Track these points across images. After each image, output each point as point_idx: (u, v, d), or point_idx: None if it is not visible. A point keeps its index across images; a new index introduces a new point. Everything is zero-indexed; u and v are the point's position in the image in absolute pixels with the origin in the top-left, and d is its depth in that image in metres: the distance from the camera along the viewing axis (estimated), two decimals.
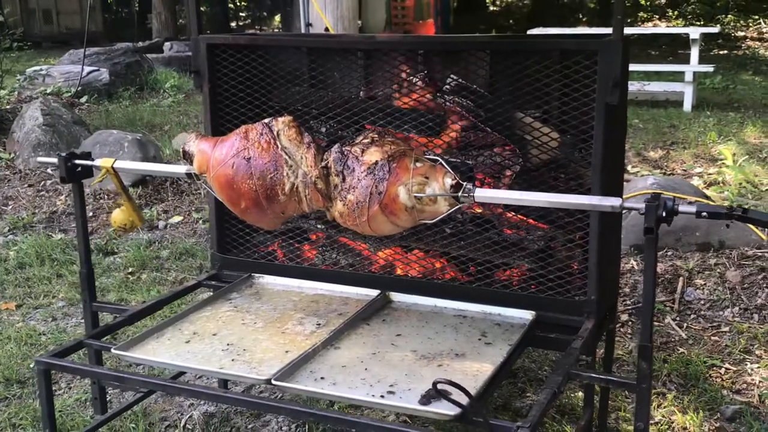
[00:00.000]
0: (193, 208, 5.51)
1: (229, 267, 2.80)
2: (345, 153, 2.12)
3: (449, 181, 2.04)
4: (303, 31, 8.61)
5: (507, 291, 2.45)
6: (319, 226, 2.77)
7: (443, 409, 1.83)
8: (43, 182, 6.23)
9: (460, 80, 2.54)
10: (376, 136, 2.13)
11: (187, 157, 2.35)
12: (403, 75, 2.60)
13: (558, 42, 2.36)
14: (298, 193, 2.19)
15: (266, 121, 2.22)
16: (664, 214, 1.86)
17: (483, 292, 2.46)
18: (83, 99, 9.44)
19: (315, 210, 2.27)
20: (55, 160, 2.51)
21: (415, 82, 2.65)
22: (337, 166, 2.12)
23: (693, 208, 1.86)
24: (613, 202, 1.96)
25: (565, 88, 2.30)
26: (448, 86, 2.56)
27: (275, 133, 2.19)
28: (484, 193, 2.07)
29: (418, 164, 2.08)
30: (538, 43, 2.47)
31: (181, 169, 2.41)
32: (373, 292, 2.53)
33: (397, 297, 2.53)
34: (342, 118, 2.62)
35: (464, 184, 2.05)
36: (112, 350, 2.19)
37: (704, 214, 1.85)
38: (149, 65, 11.32)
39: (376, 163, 2.06)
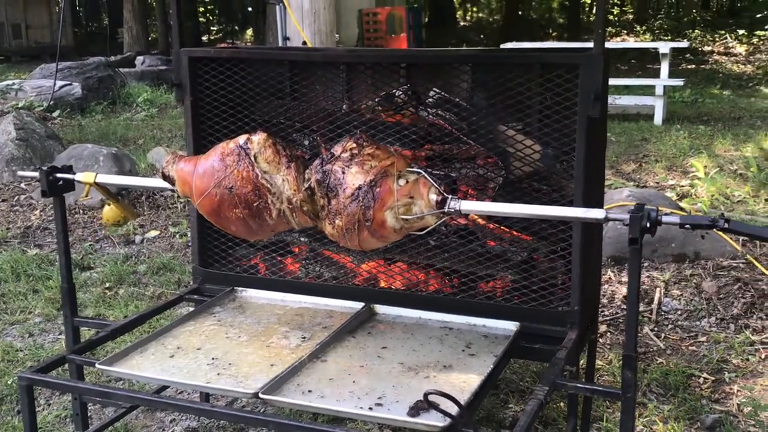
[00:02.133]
0: (169, 222, 5.47)
1: (211, 281, 2.79)
2: (327, 173, 2.09)
3: (434, 197, 2.04)
4: (280, 44, 8.62)
5: (491, 302, 2.46)
6: (302, 239, 2.77)
7: (432, 420, 1.83)
8: (16, 197, 6.15)
9: (442, 93, 2.56)
10: (355, 146, 2.11)
11: (168, 180, 2.33)
12: (386, 88, 2.62)
13: (539, 56, 2.39)
14: (285, 216, 2.18)
15: (241, 142, 2.17)
16: (648, 224, 1.89)
17: (467, 304, 2.47)
18: (56, 113, 9.36)
19: (304, 227, 2.28)
20: (36, 174, 2.48)
21: (397, 96, 2.67)
22: (321, 189, 2.10)
23: (677, 219, 1.89)
24: (597, 213, 1.98)
25: (546, 101, 2.32)
26: (430, 99, 2.58)
27: (252, 157, 2.15)
28: (470, 206, 2.08)
29: (401, 182, 2.06)
30: (520, 57, 2.50)
31: (164, 182, 2.39)
32: (358, 305, 2.54)
33: (381, 309, 2.53)
34: (325, 131, 2.61)
35: (448, 197, 2.06)
36: (97, 365, 2.17)
37: (687, 225, 1.88)
38: (122, 79, 11.27)
39: (359, 188, 2.04)
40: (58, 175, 2.49)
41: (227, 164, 2.16)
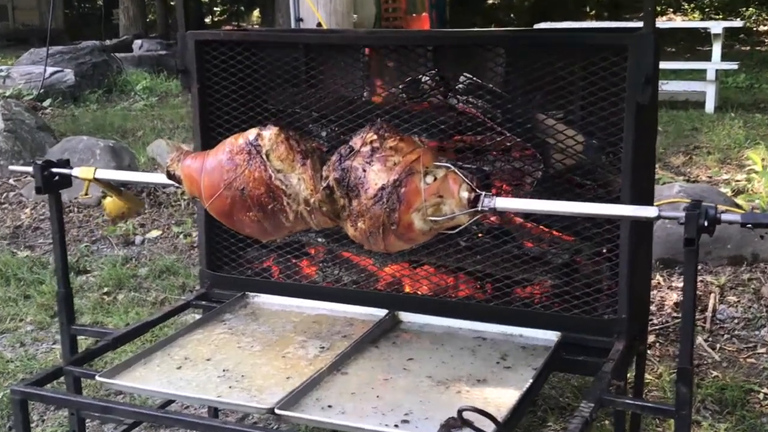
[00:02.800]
0: (172, 222, 5.52)
1: (220, 285, 2.81)
2: (346, 170, 2.09)
3: (465, 194, 2.03)
4: (293, 26, 8.64)
5: (529, 310, 2.46)
6: (319, 240, 2.78)
7: None
8: (5, 194, 6.21)
9: (473, 79, 2.55)
10: (375, 137, 2.10)
11: (173, 179, 2.34)
12: (412, 73, 2.62)
13: (582, 36, 2.39)
14: (303, 218, 2.19)
15: (251, 139, 2.17)
16: (705, 223, 1.87)
17: (502, 312, 2.47)
18: (46, 102, 9.44)
19: (323, 227, 2.29)
20: (29, 169, 2.50)
21: (423, 81, 2.66)
22: (341, 188, 2.10)
23: (738, 218, 1.87)
24: (648, 211, 1.96)
25: (590, 86, 2.31)
26: (460, 85, 2.58)
27: (264, 155, 2.15)
28: (506, 203, 2.07)
29: (429, 180, 2.05)
30: (561, 38, 2.49)
31: (167, 178, 2.40)
32: (381, 312, 2.54)
33: (407, 317, 2.53)
34: (344, 121, 2.62)
35: (481, 194, 2.05)
36: (97, 377, 2.18)
37: (749, 225, 1.86)
38: (118, 65, 11.34)
39: (383, 188, 2.03)
40: (54, 170, 2.50)
41: (237, 163, 2.16)
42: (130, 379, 2.20)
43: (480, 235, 2.60)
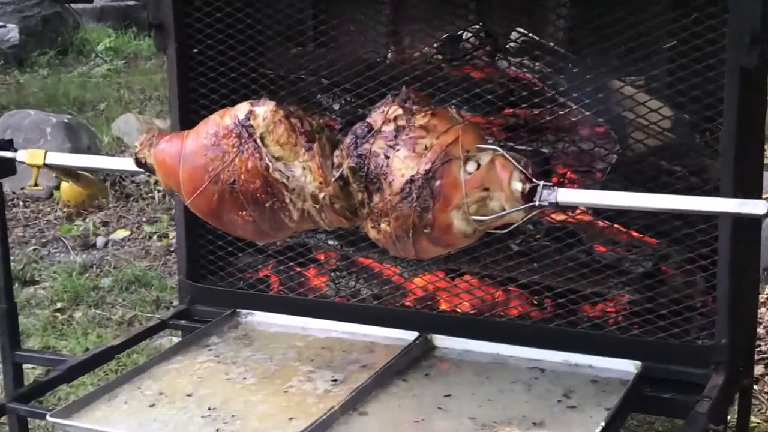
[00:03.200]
0: (143, 219, 5.54)
1: (205, 300, 2.83)
2: (364, 156, 2.08)
3: (518, 185, 2.01)
4: None
5: (600, 333, 2.46)
6: (330, 242, 2.79)
7: None
8: None
9: (529, 35, 2.57)
10: (401, 112, 2.09)
11: (144, 168, 2.35)
12: (449, 28, 2.63)
13: None
14: (311, 217, 2.19)
15: (241, 117, 2.15)
16: None
17: (566, 335, 2.47)
18: None
19: (337, 227, 2.29)
20: None
21: (465, 39, 2.67)
22: (358, 180, 2.09)
23: None
24: (755, 207, 1.93)
25: (680, 45, 2.30)
26: (512, 43, 2.59)
27: (258, 138, 2.14)
28: (570, 195, 2.05)
29: (471, 167, 2.03)
30: None
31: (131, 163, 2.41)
32: (410, 335, 2.54)
33: (443, 342, 2.53)
34: (363, 90, 2.63)
35: (539, 184, 2.03)
36: (48, 417, 2.20)
37: None
38: (74, 20, 11.39)
39: (411, 181, 2.01)
40: None
41: (224, 150, 2.15)
42: (90, 419, 2.21)
43: (537, 236, 2.60)
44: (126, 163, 2.46)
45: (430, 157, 2.02)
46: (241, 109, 2.18)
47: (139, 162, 2.33)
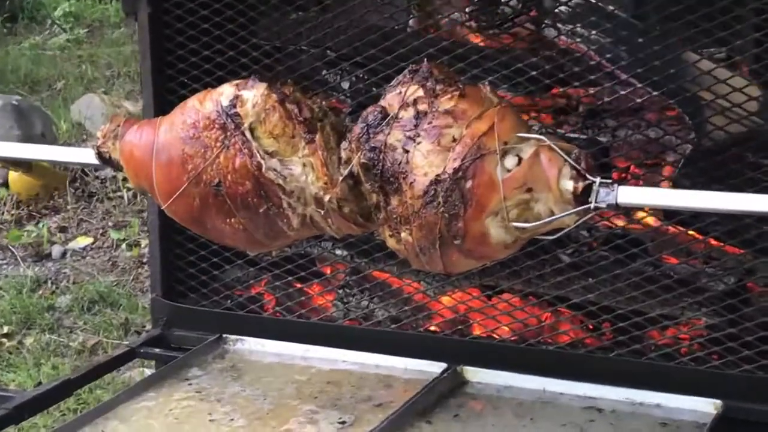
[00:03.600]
0: (109, 223, 5.58)
1: (184, 323, 2.87)
2: (377, 150, 2.07)
3: (569, 183, 1.96)
4: None
5: (671, 365, 2.48)
6: (337, 252, 2.84)
7: None
8: None
9: None
10: (422, 94, 2.06)
11: (108, 164, 2.34)
12: None
13: None
14: (315, 223, 2.21)
15: (225, 104, 2.15)
16: None
17: (628, 367, 2.49)
18: None
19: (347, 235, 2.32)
20: None
21: (504, 3, 2.71)
22: (371, 179, 2.08)
23: None
24: None
25: None
26: (562, 7, 2.62)
27: (247, 130, 2.14)
28: (634, 195, 2.01)
29: (510, 163, 1.97)
30: None
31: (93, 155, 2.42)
32: (435, 367, 2.57)
33: (476, 375, 2.57)
34: (378, 65, 2.67)
35: (595, 181, 2.00)
36: None
37: None
38: None
39: (437, 182, 2.01)
40: None
41: (206, 144, 2.16)
42: None
43: (593, 245, 2.64)
44: (88, 156, 2.46)
45: (460, 152, 2.00)
46: (225, 93, 2.17)
47: (102, 157, 2.34)
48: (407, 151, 2.03)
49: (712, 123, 2.47)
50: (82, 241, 5.37)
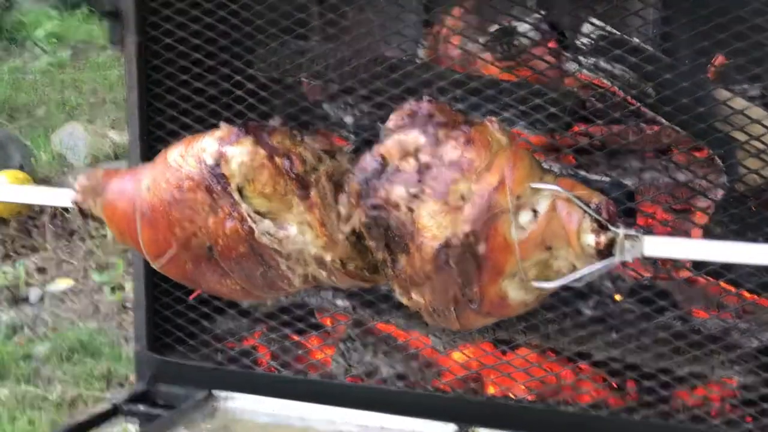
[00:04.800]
0: (91, 264, 5.56)
1: (171, 378, 2.83)
2: (380, 209, 2.04)
3: (590, 237, 1.97)
4: None
5: (700, 428, 2.45)
6: (338, 303, 2.79)
7: None
8: None
9: (606, 29, 2.56)
10: (423, 142, 2.00)
11: (92, 219, 2.33)
12: (502, 18, 2.65)
13: None
14: (317, 280, 2.17)
15: (210, 162, 2.09)
16: None
17: (653, 430, 2.47)
18: None
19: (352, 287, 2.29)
20: None
21: (521, 33, 2.68)
22: (376, 238, 2.04)
23: None
24: None
25: None
26: (584, 40, 2.59)
27: (236, 192, 2.09)
28: (661, 245, 2.02)
29: (524, 219, 1.98)
30: None
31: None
32: (446, 429, 2.55)
33: None
34: (384, 99, 2.63)
35: (618, 232, 2.00)
36: None
37: None
38: None
39: (447, 245, 1.98)
40: None
41: (192, 207, 2.10)
42: None
43: (617, 297, 2.60)
44: (68, 197, 2.36)
45: (469, 214, 1.96)
46: (207, 149, 2.10)
47: (83, 213, 2.31)
48: (411, 210, 1.98)
49: (746, 166, 2.43)
50: (62, 284, 5.36)
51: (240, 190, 2.06)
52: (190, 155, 2.11)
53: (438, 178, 1.96)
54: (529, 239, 1.95)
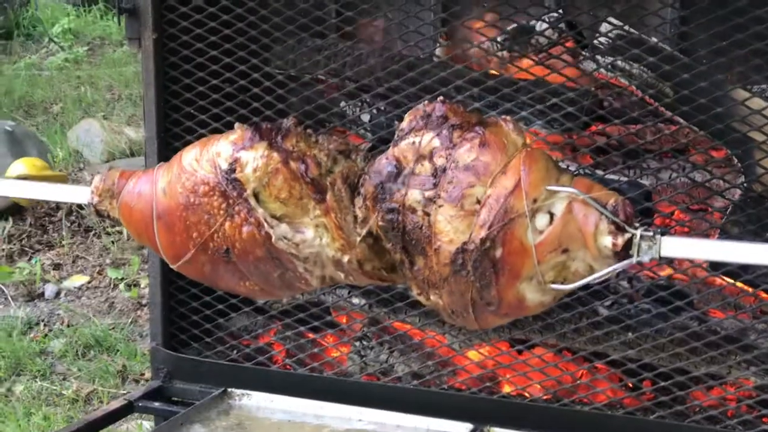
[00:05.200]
0: (107, 261, 5.56)
1: (186, 375, 2.83)
2: (397, 213, 2.03)
3: (607, 239, 1.96)
4: None
5: (716, 429, 2.44)
6: (354, 301, 2.80)
7: None
8: None
9: (625, 29, 2.56)
10: (438, 145, 1.99)
11: (109, 220, 2.33)
12: (519, 17, 2.63)
13: None
14: (334, 280, 2.17)
15: (224, 167, 2.10)
16: None
17: (669, 430, 2.47)
18: None
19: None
20: None
21: (539, 31, 2.68)
22: (392, 238, 2.04)
23: None
24: None
25: None
26: (602, 39, 2.58)
27: (251, 197, 2.10)
28: (678, 246, 2.01)
29: (541, 223, 1.96)
30: None
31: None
32: (461, 428, 2.54)
33: None
34: (400, 97, 2.63)
35: (635, 233, 1.99)
36: None
37: None
38: None
39: (463, 250, 1.98)
40: None
41: (209, 211, 2.13)
42: None
43: (633, 296, 2.60)
44: (84, 194, 2.36)
45: (485, 218, 1.96)
46: (223, 153, 2.11)
47: (100, 214, 2.31)
48: (428, 214, 1.98)
49: (763, 166, 2.44)
50: (78, 280, 5.36)
51: (256, 195, 2.07)
52: (206, 159, 2.12)
53: (453, 182, 1.96)
54: (545, 242, 1.95)
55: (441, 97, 2.03)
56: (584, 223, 1.95)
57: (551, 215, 1.95)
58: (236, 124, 2.11)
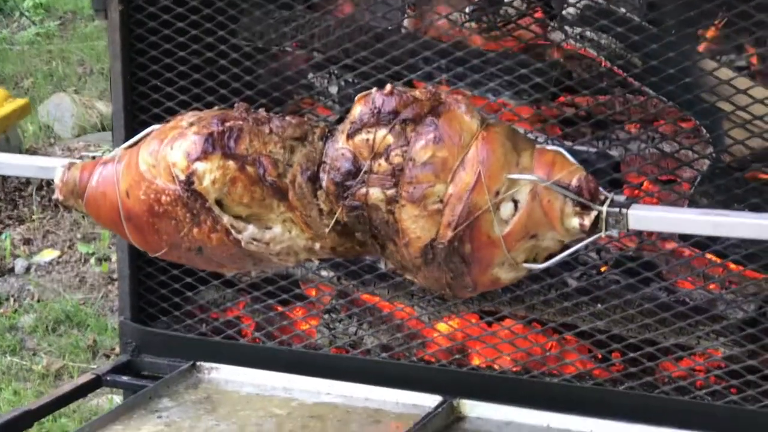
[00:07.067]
0: (77, 235, 5.54)
1: (155, 349, 2.83)
2: (359, 209, 2.00)
3: (575, 222, 1.96)
4: None
5: (685, 399, 2.45)
6: (323, 273, 2.80)
7: None
8: None
9: None
10: (392, 141, 1.98)
11: (72, 208, 2.34)
12: None
13: None
14: (311, 258, 2.21)
15: (182, 178, 2.07)
16: None
17: (639, 401, 2.47)
18: None
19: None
20: None
21: (507, 2, 2.66)
22: (361, 227, 2.04)
23: None
24: None
25: None
26: (571, 9, 2.57)
27: (214, 207, 2.09)
28: (646, 217, 2.01)
29: (506, 212, 1.93)
30: None
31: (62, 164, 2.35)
32: (430, 400, 2.55)
33: (474, 409, 2.54)
34: (369, 69, 2.63)
35: (602, 209, 1.97)
36: None
37: None
38: None
39: (431, 246, 1.98)
40: None
41: (175, 218, 2.13)
42: None
43: (602, 267, 2.60)
44: (54, 169, 2.32)
45: (450, 219, 1.97)
46: (177, 164, 2.09)
47: (68, 209, 2.33)
48: (392, 213, 1.99)
49: (732, 137, 2.43)
50: (48, 255, 5.35)
51: (218, 203, 2.08)
52: (162, 167, 2.10)
53: (413, 182, 1.96)
54: (513, 232, 1.96)
55: (389, 86, 2.01)
56: (549, 208, 1.96)
57: (515, 202, 1.96)
58: (188, 135, 2.09)
